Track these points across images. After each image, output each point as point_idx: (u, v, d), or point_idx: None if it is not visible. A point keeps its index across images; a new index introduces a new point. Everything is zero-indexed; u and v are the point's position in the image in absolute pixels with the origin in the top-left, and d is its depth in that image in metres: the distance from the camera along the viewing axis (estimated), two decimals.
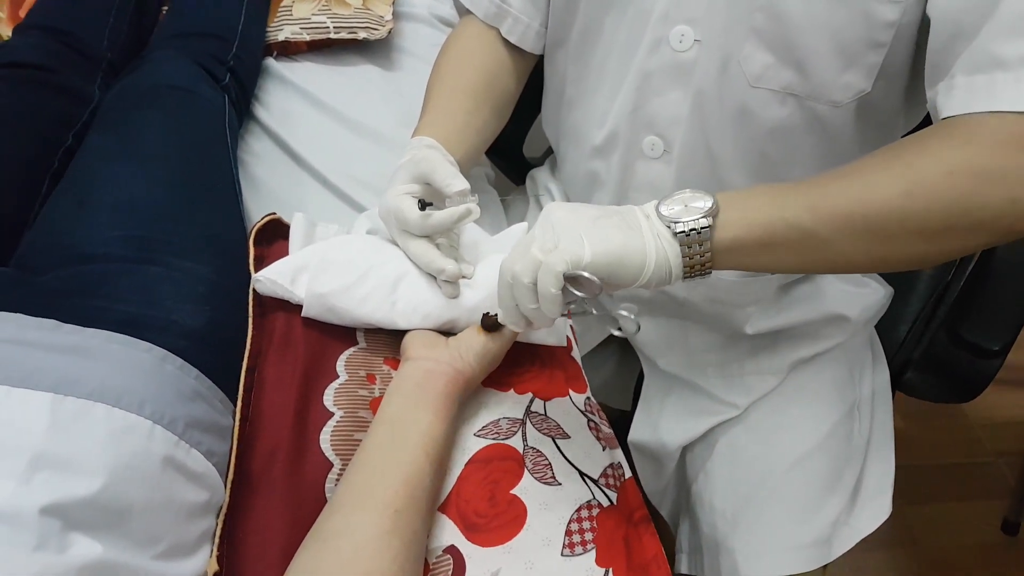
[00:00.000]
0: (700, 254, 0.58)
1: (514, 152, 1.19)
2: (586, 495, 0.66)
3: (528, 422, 0.70)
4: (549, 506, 0.64)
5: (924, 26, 0.64)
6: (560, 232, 0.58)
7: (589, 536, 0.63)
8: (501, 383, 0.73)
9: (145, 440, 0.57)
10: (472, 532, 0.62)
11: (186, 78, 0.93)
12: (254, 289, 0.75)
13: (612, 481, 0.69)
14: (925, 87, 0.64)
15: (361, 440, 0.64)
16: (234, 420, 0.67)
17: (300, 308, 0.74)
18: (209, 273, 0.73)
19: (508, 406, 0.72)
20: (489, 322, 0.69)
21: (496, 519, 0.63)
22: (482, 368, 0.70)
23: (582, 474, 0.68)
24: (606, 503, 0.66)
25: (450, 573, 0.60)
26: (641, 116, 0.78)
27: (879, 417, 0.94)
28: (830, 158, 0.74)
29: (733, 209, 0.59)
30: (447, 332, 0.73)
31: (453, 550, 0.61)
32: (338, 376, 0.72)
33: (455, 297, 0.73)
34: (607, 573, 0.60)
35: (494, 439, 0.68)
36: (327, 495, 0.65)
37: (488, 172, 1.07)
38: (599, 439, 0.72)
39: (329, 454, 0.67)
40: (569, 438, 0.70)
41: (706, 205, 0.58)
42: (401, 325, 0.73)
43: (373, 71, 1.09)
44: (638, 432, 0.99)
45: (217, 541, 0.60)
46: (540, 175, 1.05)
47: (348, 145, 0.98)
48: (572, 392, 0.75)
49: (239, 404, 0.67)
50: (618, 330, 0.62)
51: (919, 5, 0.64)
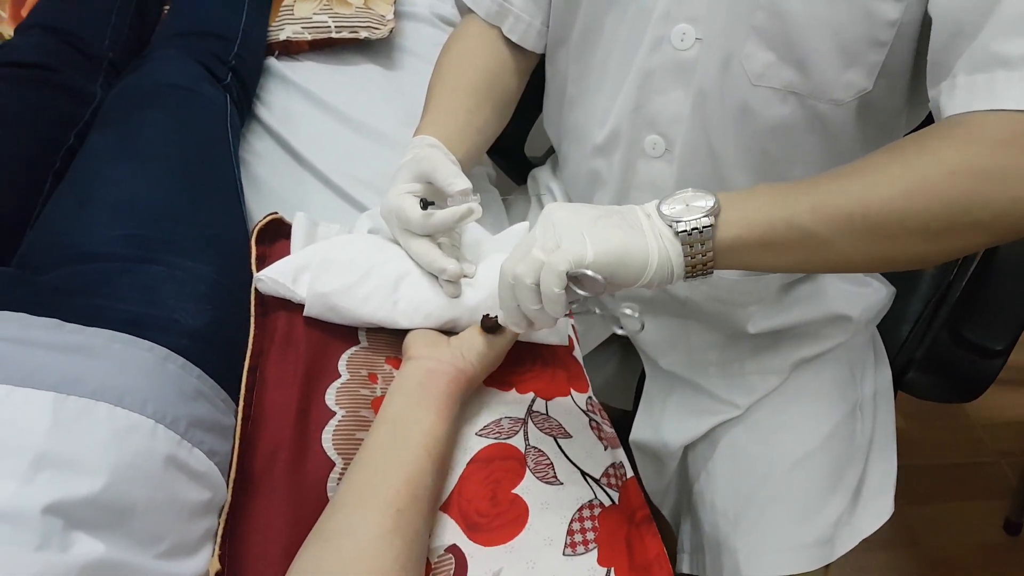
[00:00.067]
0: (702, 253, 0.58)
1: (515, 151, 1.19)
2: (588, 495, 0.66)
3: (530, 421, 0.70)
4: (551, 506, 0.64)
5: (925, 25, 0.64)
6: (562, 232, 0.58)
7: (591, 536, 0.62)
8: (503, 382, 0.73)
9: (147, 439, 0.57)
10: (474, 531, 0.62)
11: (188, 77, 0.93)
12: (256, 288, 0.75)
13: (614, 481, 0.69)
14: (927, 87, 0.64)
15: (363, 439, 0.64)
16: (236, 419, 0.67)
17: (302, 307, 0.74)
18: (211, 272, 0.73)
19: (510, 405, 0.72)
20: (489, 324, 0.69)
21: (498, 518, 0.63)
22: (484, 367, 0.70)
23: (584, 474, 0.68)
24: (608, 503, 0.66)
25: (452, 572, 0.60)
26: (642, 115, 0.78)
27: (881, 417, 0.94)
28: (831, 157, 0.74)
29: (734, 208, 0.59)
30: (449, 331, 0.73)
31: (455, 549, 0.61)
32: (340, 375, 0.72)
33: (457, 296, 0.73)
34: (609, 573, 0.60)
35: (496, 438, 0.68)
36: (329, 494, 0.64)
37: (489, 171, 1.07)
38: (601, 439, 0.72)
39: (331, 453, 0.67)
40: (571, 437, 0.70)
41: (708, 204, 0.58)
42: (403, 324, 0.73)
43: (375, 70, 1.09)
44: (640, 432, 0.99)
45: (219, 540, 0.60)
46: (541, 174, 1.05)
47: (350, 144, 0.98)
48: (574, 392, 0.75)
49: (241, 403, 0.67)
50: (621, 329, 0.62)
51: (920, 4, 0.63)
